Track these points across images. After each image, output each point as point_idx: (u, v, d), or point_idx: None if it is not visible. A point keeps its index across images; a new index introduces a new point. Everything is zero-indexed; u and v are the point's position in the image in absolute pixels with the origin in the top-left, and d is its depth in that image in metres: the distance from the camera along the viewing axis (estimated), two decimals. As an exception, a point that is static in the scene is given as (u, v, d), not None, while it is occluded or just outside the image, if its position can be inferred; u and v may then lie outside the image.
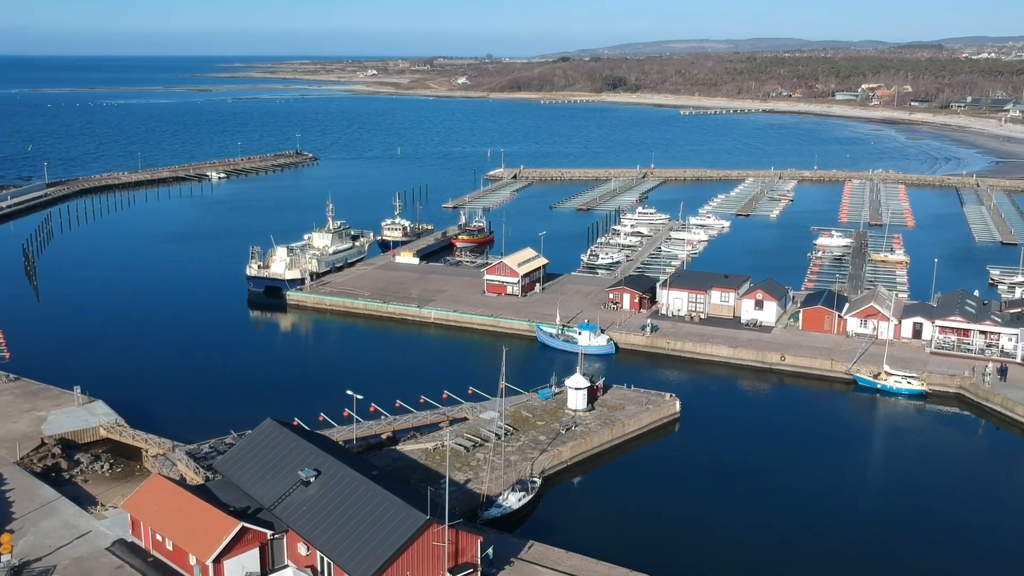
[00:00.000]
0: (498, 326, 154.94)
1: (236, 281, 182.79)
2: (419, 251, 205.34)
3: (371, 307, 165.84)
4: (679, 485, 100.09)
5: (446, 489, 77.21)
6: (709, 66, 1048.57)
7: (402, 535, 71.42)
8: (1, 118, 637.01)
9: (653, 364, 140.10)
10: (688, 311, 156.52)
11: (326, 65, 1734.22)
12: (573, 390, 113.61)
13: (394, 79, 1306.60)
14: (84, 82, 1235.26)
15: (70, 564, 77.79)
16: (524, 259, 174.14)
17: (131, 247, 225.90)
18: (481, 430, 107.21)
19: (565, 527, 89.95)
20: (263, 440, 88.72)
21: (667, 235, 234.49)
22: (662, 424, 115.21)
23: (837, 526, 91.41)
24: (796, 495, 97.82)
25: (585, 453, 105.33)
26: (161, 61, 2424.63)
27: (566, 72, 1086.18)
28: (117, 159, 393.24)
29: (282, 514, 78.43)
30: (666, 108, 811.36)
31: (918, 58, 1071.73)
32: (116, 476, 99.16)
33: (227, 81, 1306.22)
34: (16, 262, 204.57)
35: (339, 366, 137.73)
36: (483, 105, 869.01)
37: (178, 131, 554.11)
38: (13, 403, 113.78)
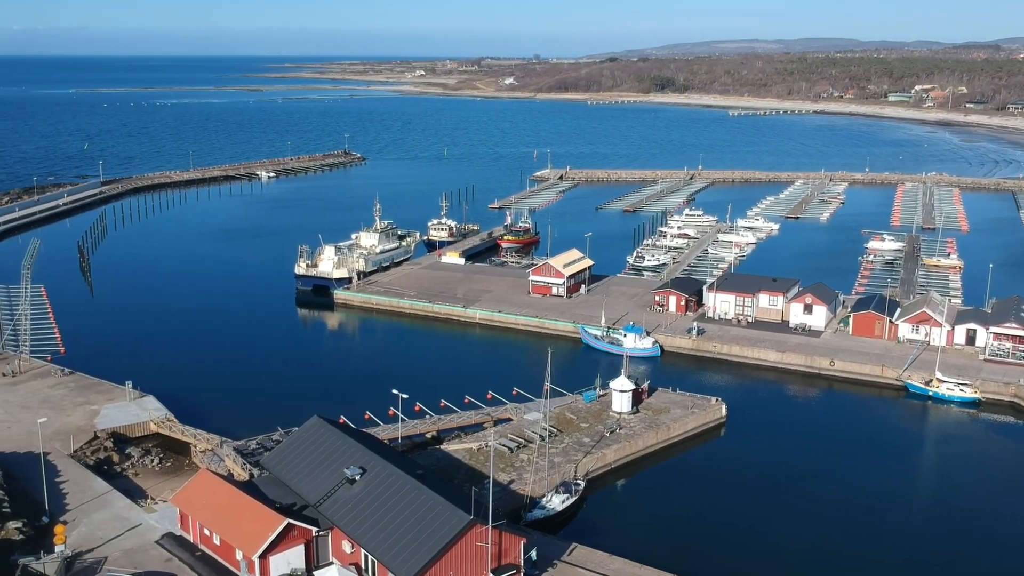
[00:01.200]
0: (543, 327, 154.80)
1: (285, 279, 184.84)
2: (465, 251, 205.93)
3: (417, 307, 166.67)
4: (724, 490, 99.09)
5: (490, 489, 77.26)
6: (759, 66, 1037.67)
7: (446, 535, 71.64)
8: (59, 117, 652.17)
9: (699, 368, 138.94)
10: (735, 314, 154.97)
11: (375, 66, 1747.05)
12: (618, 392, 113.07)
13: (442, 79, 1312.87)
14: (139, 82, 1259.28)
15: (121, 556, 79.22)
16: (570, 260, 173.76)
17: (182, 245, 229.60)
18: (525, 431, 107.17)
19: (609, 530, 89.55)
20: (310, 437, 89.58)
21: (715, 237, 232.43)
22: (708, 428, 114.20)
23: (885, 536, 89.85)
24: (844, 503, 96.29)
25: (629, 456, 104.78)
26: (213, 61, 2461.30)
27: (613, 72, 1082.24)
28: (170, 158, 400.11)
29: (327, 511, 79.10)
30: (715, 109, 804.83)
31: (974, 59, 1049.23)
32: (165, 470, 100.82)
33: (277, 81, 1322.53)
34: (72, 258, 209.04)
35: (385, 365, 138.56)
36: (530, 106, 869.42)
37: (231, 130, 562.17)
38: (68, 397, 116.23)
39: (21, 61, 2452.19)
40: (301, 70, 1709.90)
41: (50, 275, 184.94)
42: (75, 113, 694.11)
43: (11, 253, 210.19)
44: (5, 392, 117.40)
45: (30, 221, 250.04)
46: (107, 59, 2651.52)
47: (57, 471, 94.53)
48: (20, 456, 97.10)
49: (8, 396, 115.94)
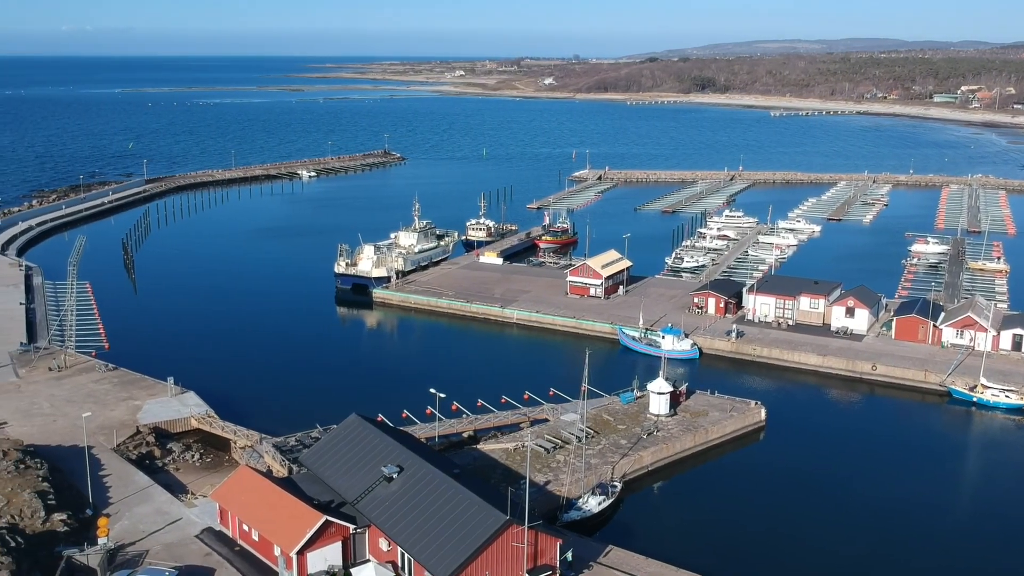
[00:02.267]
0: (580, 328, 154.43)
1: (324, 278, 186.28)
2: (503, 251, 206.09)
3: (455, 306, 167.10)
4: (763, 495, 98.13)
5: (526, 490, 77.20)
6: (801, 66, 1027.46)
7: (482, 534, 71.70)
8: (108, 116, 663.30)
9: (738, 370, 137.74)
10: (775, 317, 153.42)
11: (415, 66, 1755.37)
12: (655, 394, 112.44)
13: (481, 80, 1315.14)
14: (182, 82, 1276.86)
15: (162, 549, 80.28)
16: (608, 261, 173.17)
17: (224, 243, 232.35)
18: (562, 432, 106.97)
19: (645, 533, 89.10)
20: (348, 435, 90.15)
21: (755, 239, 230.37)
22: (747, 432, 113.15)
23: (926, 544, 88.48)
24: (884, 510, 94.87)
25: (667, 459, 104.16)
26: (255, 61, 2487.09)
27: (653, 72, 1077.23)
28: (212, 157, 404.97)
29: (365, 509, 79.53)
30: (756, 109, 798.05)
31: (1022, 59, 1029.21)
32: (206, 466, 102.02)
33: (318, 81, 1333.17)
34: (116, 256, 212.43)
35: (423, 364, 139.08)
36: (569, 106, 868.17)
37: (273, 130, 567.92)
38: (111, 392, 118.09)
39: (69, 61, 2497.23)
40: (342, 70, 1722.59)
41: (95, 272, 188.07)
42: (122, 112, 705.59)
43: (58, 250, 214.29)
44: (51, 386, 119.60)
45: (77, 218, 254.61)
46: (152, 59, 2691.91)
47: (100, 465, 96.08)
48: (65, 449, 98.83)
49: (54, 390, 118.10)
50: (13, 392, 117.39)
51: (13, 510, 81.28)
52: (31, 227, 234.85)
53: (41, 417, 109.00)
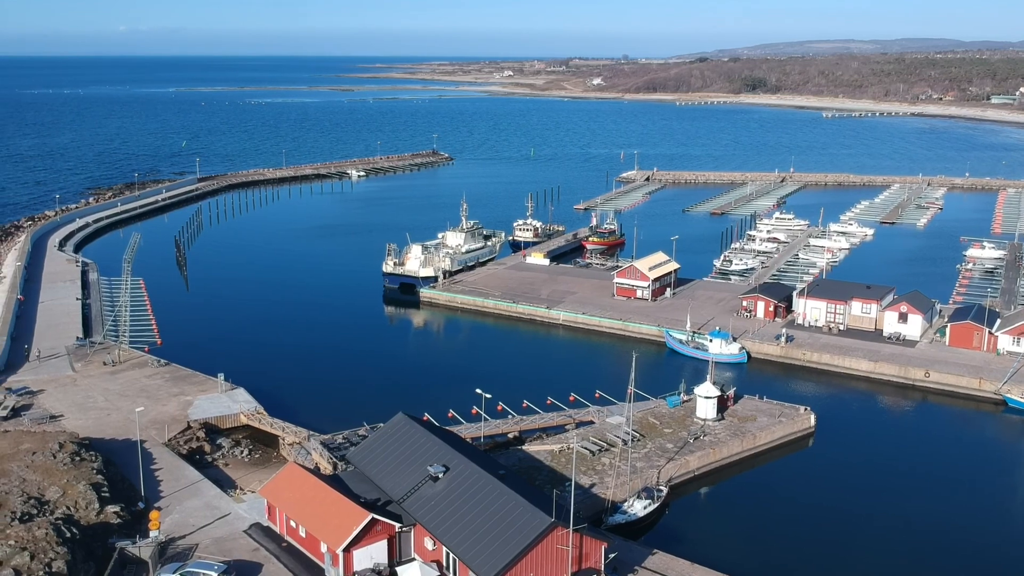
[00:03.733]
0: (627, 330, 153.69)
1: (372, 277, 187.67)
2: (549, 252, 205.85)
3: (501, 306, 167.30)
4: (811, 503, 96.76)
5: (571, 492, 77.01)
6: (854, 67, 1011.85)
7: (527, 536, 71.67)
8: (164, 115, 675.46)
9: (787, 375, 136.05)
10: (826, 322, 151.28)
11: (463, 66, 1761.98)
12: (703, 399, 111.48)
13: (529, 80, 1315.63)
14: (234, 81, 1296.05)
15: (211, 544, 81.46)
16: (655, 263, 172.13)
17: (274, 241, 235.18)
18: (607, 434, 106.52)
19: (691, 538, 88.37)
20: (394, 434, 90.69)
21: (805, 242, 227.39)
22: (795, 438, 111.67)
23: (978, 557, 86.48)
24: (936, 520, 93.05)
25: (713, 464, 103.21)
26: (306, 61, 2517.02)
27: (703, 73, 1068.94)
28: (264, 156, 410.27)
29: (410, 508, 79.94)
30: (807, 110, 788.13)
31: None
32: (254, 462, 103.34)
33: (368, 81, 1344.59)
34: (169, 252, 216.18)
35: (469, 364, 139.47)
36: (618, 106, 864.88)
37: (324, 129, 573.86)
38: (163, 387, 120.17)
39: (125, 61, 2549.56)
40: (392, 70, 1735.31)
41: (149, 268, 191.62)
42: (177, 111, 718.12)
43: (113, 246, 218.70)
44: (106, 380, 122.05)
45: (131, 216, 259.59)
46: (205, 59, 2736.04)
47: (152, 459, 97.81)
48: (118, 443, 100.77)
49: (108, 384, 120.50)
50: (69, 385, 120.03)
51: (68, 501, 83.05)
52: (88, 224, 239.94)
53: (96, 411, 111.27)
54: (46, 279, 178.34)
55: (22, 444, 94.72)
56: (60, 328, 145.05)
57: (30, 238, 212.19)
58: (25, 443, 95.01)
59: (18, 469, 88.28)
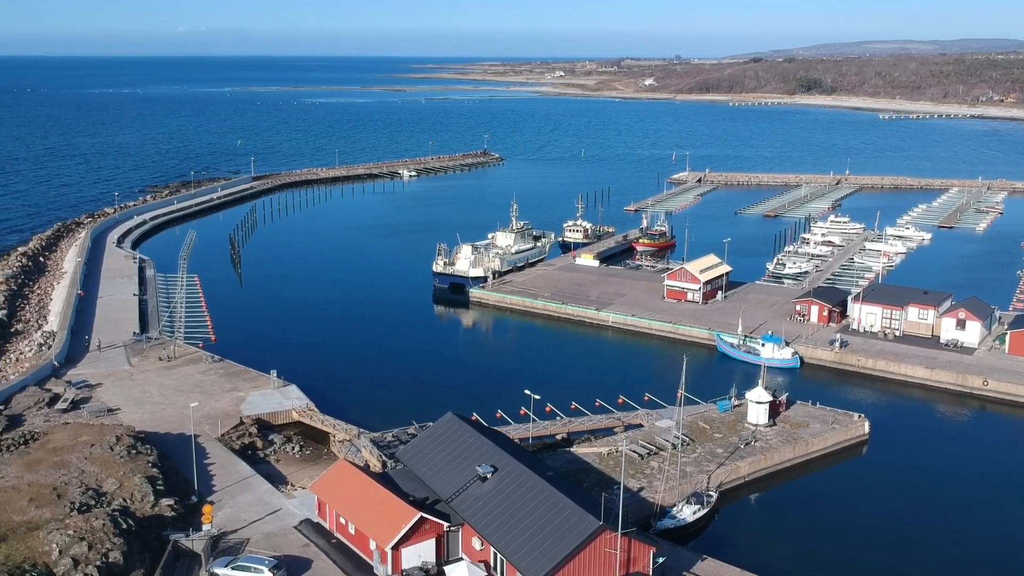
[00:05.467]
0: (677, 333, 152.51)
1: (422, 276, 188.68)
2: (599, 253, 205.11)
3: (550, 307, 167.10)
4: (864, 511, 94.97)
5: (620, 496, 76.60)
6: (912, 68, 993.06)
7: (575, 539, 71.41)
8: (222, 115, 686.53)
9: (841, 381, 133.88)
10: (882, 327, 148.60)
11: (515, 67, 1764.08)
12: (754, 404, 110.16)
13: (581, 80, 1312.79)
14: (289, 81, 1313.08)
15: (262, 539, 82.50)
16: (706, 265, 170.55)
17: (326, 240, 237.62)
18: (656, 438, 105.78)
19: (741, 545, 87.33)
20: (443, 433, 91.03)
21: (861, 246, 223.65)
22: (849, 445, 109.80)
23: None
24: (992, 532, 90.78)
25: (764, 470, 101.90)
26: (359, 61, 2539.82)
27: (757, 73, 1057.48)
28: (317, 155, 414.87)
29: (459, 507, 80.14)
30: (864, 112, 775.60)
31: None
32: (305, 458, 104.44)
33: (421, 82, 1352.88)
34: (223, 250, 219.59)
35: (517, 364, 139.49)
36: (670, 107, 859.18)
37: (377, 130, 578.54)
38: (217, 383, 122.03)
39: (184, 61, 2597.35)
40: (444, 71, 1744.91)
41: (204, 265, 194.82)
42: (234, 111, 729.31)
43: (170, 243, 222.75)
44: (161, 376, 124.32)
45: (187, 214, 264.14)
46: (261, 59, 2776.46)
47: (205, 453, 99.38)
48: (173, 437, 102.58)
49: (164, 380, 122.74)
50: (126, 380, 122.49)
51: (125, 493, 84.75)
52: (145, 221, 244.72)
53: (151, 405, 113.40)
54: (105, 275, 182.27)
55: (81, 436, 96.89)
56: (118, 323, 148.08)
57: (90, 235, 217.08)
58: (84, 435, 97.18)
59: (77, 461, 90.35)
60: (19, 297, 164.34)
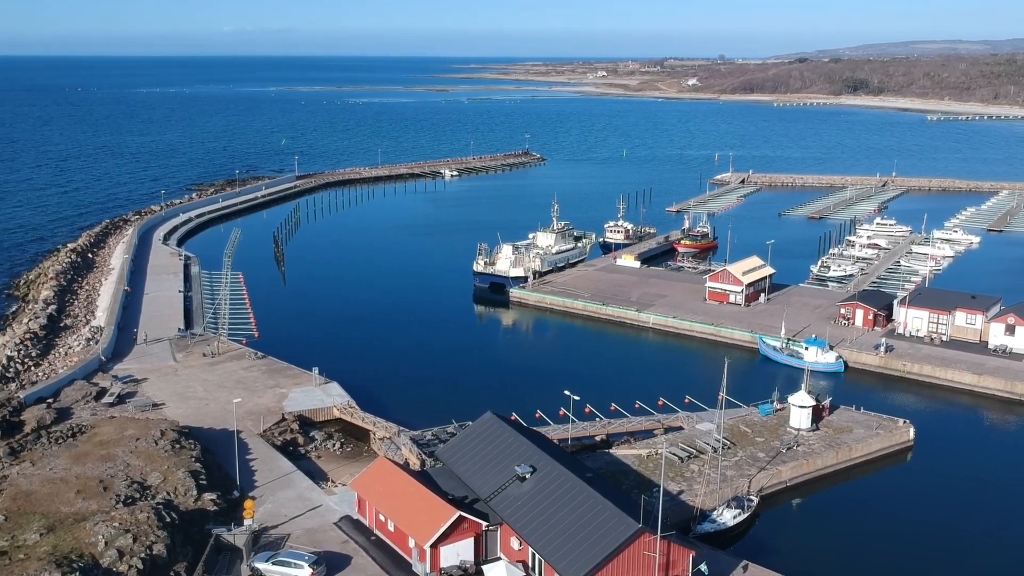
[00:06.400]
0: (718, 335, 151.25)
1: (463, 276, 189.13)
2: (640, 254, 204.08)
3: (590, 308, 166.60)
4: (907, 518, 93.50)
5: (659, 498, 76.15)
6: (962, 68, 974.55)
7: (613, 541, 71.10)
8: (267, 114, 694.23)
9: (886, 386, 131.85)
10: (928, 332, 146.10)
11: (557, 67, 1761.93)
12: (797, 408, 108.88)
13: (623, 80, 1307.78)
14: (333, 81, 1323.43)
15: (302, 534, 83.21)
16: (749, 267, 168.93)
17: (368, 238, 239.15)
18: (697, 441, 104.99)
19: (782, 550, 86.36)
20: (483, 432, 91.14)
21: (908, 249, 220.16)
22: (893, 451, 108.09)
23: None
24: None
25: (807, 475, 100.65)
26: (402, 61, 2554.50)
27: (802, 73, 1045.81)
28: (360, 155, 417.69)
29: (497, 507, 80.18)
30: (911, 113, 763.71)
31: None
32: (346, 455, 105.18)
33: (463, 82, 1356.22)
34: (267, 248, 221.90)
35: (557, 365, 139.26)
36: (713, 107, 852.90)
37: (421, 129, 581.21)
38: (260, 379, 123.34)
39: (230, 61, 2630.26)
40: (486, 71, 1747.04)
41: (248, 263, 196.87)
42: (279, 111, 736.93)
43: (214, 241, 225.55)
44: (205, 371, 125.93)
45: (232, 212, 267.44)
46: (305, 59, 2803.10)
47: (248, 449, 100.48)
48: (216, 432, 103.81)
49: (207, 375, 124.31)
50: (171, 375, 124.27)
51: (168, 487, 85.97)
52: (190, 219, 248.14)
53: (195, 400, 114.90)
54: (151, 272, 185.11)
55: (126, 430, 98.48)
56: (163, 319, 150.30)
57: (137, 232, 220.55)
58: (129, 429, 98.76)
59: (122, 454, 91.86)
60: (68, 293, 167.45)
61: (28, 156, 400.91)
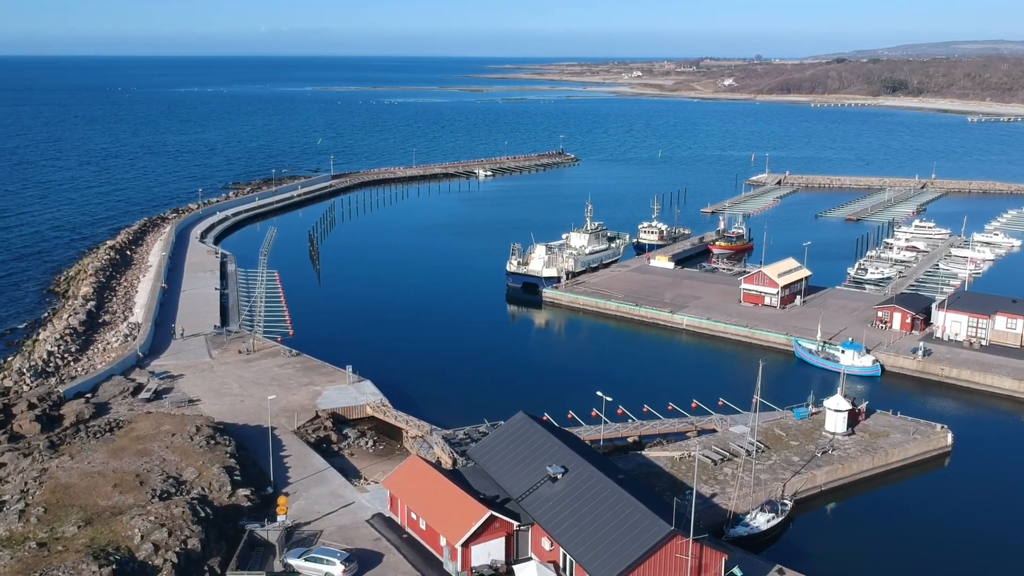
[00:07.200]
0: (753, 337, 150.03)
1: (496, 276, 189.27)
2: (674, 255, 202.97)
3: (623, 309, 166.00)
4: (944, 525, 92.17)
5: (692, 501, 75.76)
6: (1004, 69, 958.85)
7: (646, 543, 70.76)
8: (304, 114, 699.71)
9: (923, 391, 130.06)
10: (967, 336, 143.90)
11: (592, 67, 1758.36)
12: (832, 412, 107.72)
13: (658, 80, 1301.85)
14: (369, 81, 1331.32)
15: (335, 531, 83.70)
16: (785, 269, 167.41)
17: (402, 238, 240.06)
18: (730, 444, 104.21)
19: (816, 555, 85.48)
20: (515, 432, 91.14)
21: (947, 251, 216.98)
22: (930, 457, 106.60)
23: None
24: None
25: (842, 480, 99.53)
26: (437, 61, 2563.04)
27: (840, 74, 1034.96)
28: (395, 155, 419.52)
29: (528, 507, 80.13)
30: (951, 114, 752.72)
31: None
32: (378, 453, 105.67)
33: (498, 82, 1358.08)
34: (303, 247, 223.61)
35: (589, 365, 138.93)
36: (749, 107, 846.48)
37: (456, 129, 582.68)
38: (294, 377, 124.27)
39: (266, 61, 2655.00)
40: (520, 71, 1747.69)
41: (283, 261, 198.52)
42: (317, 110, 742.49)
43: (250, 239, 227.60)
44: (240, 368, 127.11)
45: (268, 210, 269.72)
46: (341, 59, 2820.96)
47: (282, 445, 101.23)
48: (251, 429, 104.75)
49: (243, 372, 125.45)
50: (207, 372, 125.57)
51: (203, 482, 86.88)
52: (227, 217, 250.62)
53: (230, 397, 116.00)
54: (188, 269, 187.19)
55: (163, 425, 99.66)
56: (200, 316, 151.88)
57: (174, 229, 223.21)
58: (165, 424, 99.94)
59: (159, 449, 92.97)
60: (107, 289, 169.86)
61: (73, 155, 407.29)
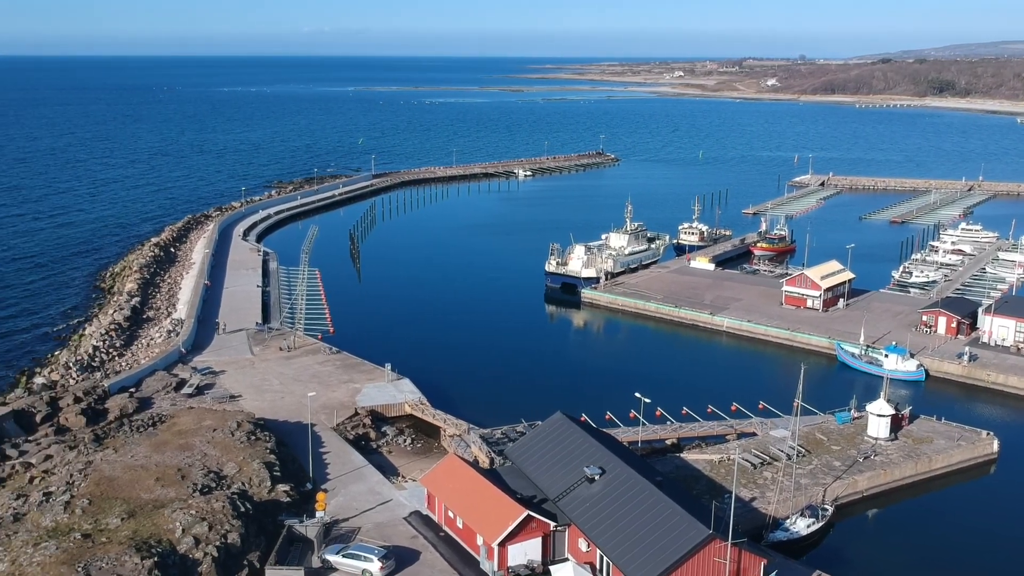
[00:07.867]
0: (794, 340, 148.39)
1: (535, 276, 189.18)
2: (715, 257, 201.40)
3: (663, 310, 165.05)
4: (989, 533, 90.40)
5: (731, 505, 75.06)
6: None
7: (683, 546, 70.26)
8: (347, 114, 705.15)
9: (968, 396, 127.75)
10: (1015, 341, 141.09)
11: (633, 67, 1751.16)
12: (875, 416, 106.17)
13: (700, 80, 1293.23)
14: (410, 81, 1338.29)
15: (372, 528, 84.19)
16: (828, 272, 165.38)
17: (442, 237, 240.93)
18: (771, 448, 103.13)
19: (856, 562, 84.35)
20: (552, 432, 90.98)
21: (994, 255, 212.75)
22: (975, 464, 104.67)
23: None
24: None
25: (884, 485, 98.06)
26: (478, 62, 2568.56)
27: (886, 74, 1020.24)
28: (435, 154, 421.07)
29: (566, 507, 79.94)
30: (1000, 115, 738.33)
31: None
32: (416, 451, 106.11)
33: (538, 82, 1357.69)
34: (343, 245, 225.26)
35: (628, 367, 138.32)
36: (792, 108, 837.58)
37: (497, 129, 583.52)
38: (334, 374, 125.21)
39: (309, 61, 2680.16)
40: (561, 71, 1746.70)
41: (324, 259, 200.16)
42: (360, 110, 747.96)
43: (292, 238, 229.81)
44: (281, 365, 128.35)
45: (309, 209, 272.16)
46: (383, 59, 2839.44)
47: (321, 442, 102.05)
48: (290, 425, 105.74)
49: (283, 369, 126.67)
50: (248, 368, 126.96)
51: (244, 478, 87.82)
52: (269, 215, 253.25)
53: (271, 393, 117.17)
54: (230, 266, 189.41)
55: (204, 421, 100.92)
56: (242, 313, 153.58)
57: (217, 227, 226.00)
58: (207, 420, 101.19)
59: (200, 444, 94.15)
60: (151, 285, 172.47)
61: (122, 154, 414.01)
